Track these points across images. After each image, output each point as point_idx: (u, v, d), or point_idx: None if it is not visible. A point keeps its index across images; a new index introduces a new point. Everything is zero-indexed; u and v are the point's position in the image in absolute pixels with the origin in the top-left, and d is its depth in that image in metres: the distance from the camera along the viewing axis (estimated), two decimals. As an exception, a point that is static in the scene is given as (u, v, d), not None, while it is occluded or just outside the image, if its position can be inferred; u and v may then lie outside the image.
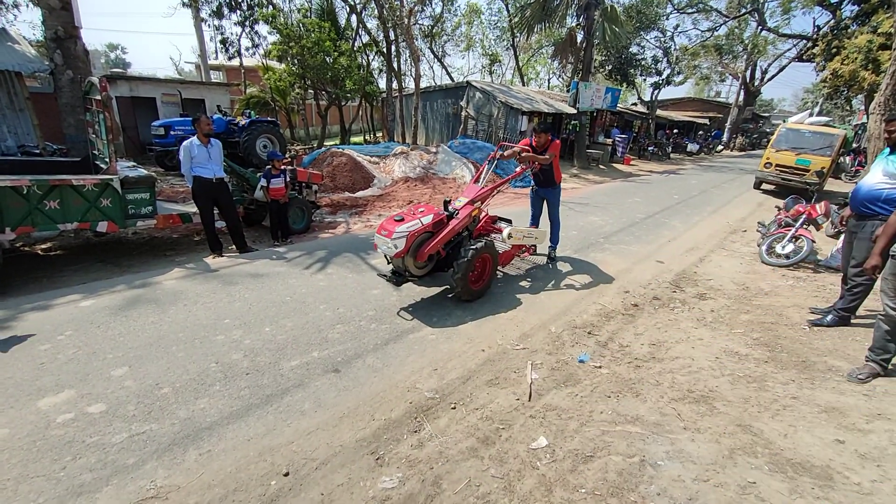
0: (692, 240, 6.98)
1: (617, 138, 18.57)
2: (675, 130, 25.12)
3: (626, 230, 7.39)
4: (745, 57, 27.89)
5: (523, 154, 4.78)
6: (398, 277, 4.04)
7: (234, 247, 5.53)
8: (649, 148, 20.46)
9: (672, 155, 22.04)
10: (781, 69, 28.04)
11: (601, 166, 16.35)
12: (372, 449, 2.44)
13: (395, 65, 16.48)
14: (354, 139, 20.33)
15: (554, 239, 5.60)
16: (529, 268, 5.30)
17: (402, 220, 3.77)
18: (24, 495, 2.04)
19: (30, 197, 4.16)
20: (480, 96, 15.80)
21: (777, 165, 11.49)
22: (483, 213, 4.88)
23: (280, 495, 2.12)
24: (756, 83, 29.12)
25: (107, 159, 4.60)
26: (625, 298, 4.60)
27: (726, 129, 29.82)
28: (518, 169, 4.93)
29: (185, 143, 4.81)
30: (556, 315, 4.13)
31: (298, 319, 3.78)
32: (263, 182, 5.70)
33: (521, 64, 26.15)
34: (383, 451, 2.43)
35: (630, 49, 20.03)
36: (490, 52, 28.47)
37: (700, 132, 28.07)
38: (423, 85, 18.04)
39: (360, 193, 10.00)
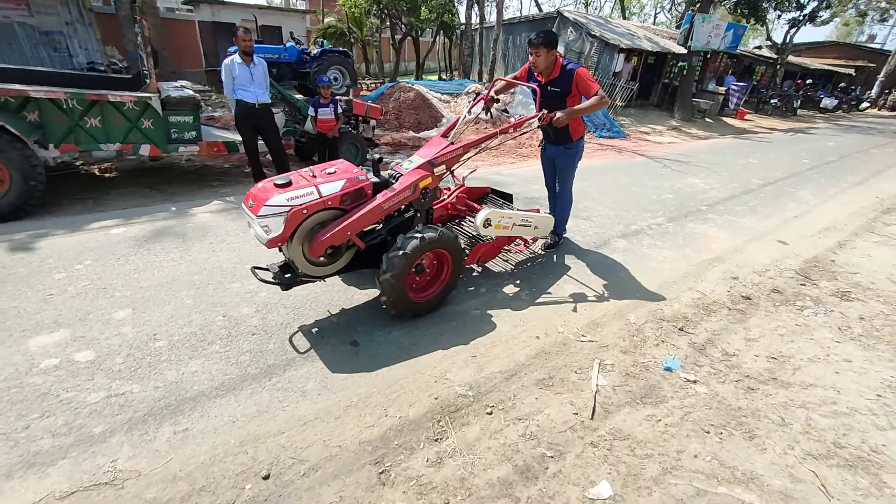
0: (828, 217, 5.47)
1: (732, 87, 15.68)
2: (809, 81, 20.80)
3: (736, 198, 5.99)
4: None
5: (558, 115, 3.04)
6: (286, 276, 2.55)
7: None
8: (772, 100, 17.11)
9: (799, 111, 18.38)
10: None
11: (707, 119, 13.95)
12: (377, 457, 1.90)
13: (477, -10, 14.81)
14: (429, 78, 19.22)
15: (560, 220, 3.91)
16: (523, 260, 3.75)
17: (289, 184, 2.35)
18: (-25, 455, 1.76)
19: (70, 112, 3.94)
20: (571, 30, 13.81)
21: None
22: (457, 185, 3.54)
23: (249, 509, 1.66)
24: (932, 22, 22.96)
25: (147, 74, 4.24)
26: (732, 287, 3.56)
27: (877, 82, 24.27)
28: (515, 119, 3.31)
29: (225, 61, 4.31)
30: (637, 300, 3.26)
31: (326, 272, 3.28)
32: (311, 112, 5.14)
33: (623, -6, 22.68)
34: (390, 462, 1.88)
35: (767, -27, 16.22)
36: (588, -20, 25.00)
37: (842, 84, 23.07)
38: (507, 16, 16.23)
39: (424, 133, 9.22)
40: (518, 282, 3.38)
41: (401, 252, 2.47)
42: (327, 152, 5.54)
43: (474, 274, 3.43)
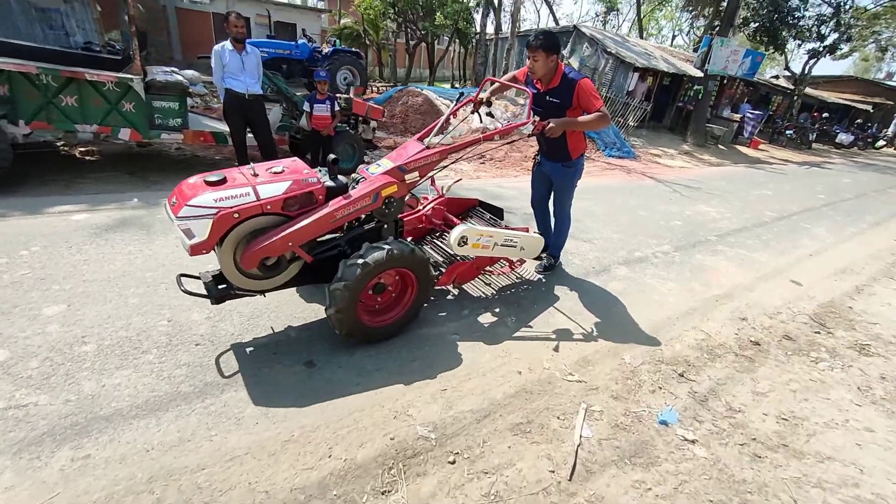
0: (845, 258, 5.13)
1: (747, 115, 15.38)
2: (825, 115, 20.49)
3: (748, 230, 5.67)
4: (948, 29, 21.59)
5: (551, 123, 2.71)
6: (219, 287, 2.22)
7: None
8: (787, 132, 16.80)
9: (814, 145, 18.06)
10: None
11: (721, 146, 13.65)
12: (309, 510, 1.59)
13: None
14: (442, 85, 19.07)
15: (556, 243, 3.59)
16: (508, 284, 3.38)
17: (222, 182, 1.99)
18: None
19: (44, 88, 3.70)
20: (587, 45, 13.62)
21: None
22: (435, 195, 3.27)
23: (134, 573, 1.35)
24: (955, 66, 22.67)
25: (130, 54, 4.01)
26: (740, 329, 3.24)
27: (894, 121, 23.93)
28: (509, 124, 3.03)
29: (215, 47, 4.08)
30: (634, 337, 2.94)
31: (296, 279, 2.99)
32: (306, 107, 4.89)
33: (642, 14, 22.55)
34: (324, 519, 1.57)
35: (789, 2, 15.95)
36: (609, -1, 24.89)
37: (858, 120, 22.72)
38: (524, 27, 16.08)
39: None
40: (504, 308, 3.07)
41: (342, 284, 2.12)
42: (321, 151, 5.28)
43: (449, 297, 3.12)
